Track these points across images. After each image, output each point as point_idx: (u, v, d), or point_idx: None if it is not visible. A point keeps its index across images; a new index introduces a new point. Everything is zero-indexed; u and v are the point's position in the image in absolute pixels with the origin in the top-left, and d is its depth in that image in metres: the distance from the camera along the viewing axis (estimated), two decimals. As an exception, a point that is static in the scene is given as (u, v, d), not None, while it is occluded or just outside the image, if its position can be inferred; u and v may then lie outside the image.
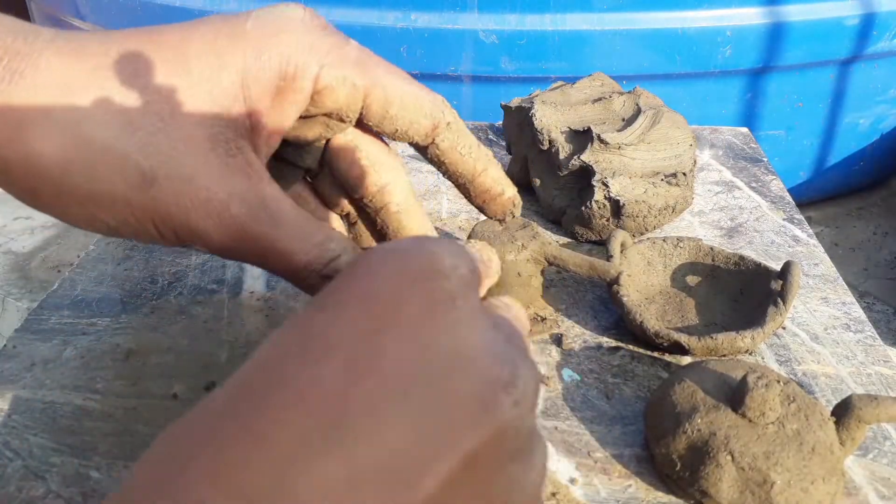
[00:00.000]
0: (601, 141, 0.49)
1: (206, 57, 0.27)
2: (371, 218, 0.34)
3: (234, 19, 0.28)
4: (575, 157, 0.50)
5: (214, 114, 0.27)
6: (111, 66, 0.26)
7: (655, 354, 0.41)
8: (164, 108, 0.26)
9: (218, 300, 0.45)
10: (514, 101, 0.57)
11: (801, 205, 0.62)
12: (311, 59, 0.28)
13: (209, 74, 0.27)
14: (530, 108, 0.53)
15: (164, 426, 0.37)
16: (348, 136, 0.32)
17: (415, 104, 0.30)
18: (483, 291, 0.22)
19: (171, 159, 0.26)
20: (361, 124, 0.31)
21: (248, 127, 0.28)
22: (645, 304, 0.44)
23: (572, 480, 0.34)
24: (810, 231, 0.53)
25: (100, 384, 0.39)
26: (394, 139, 0.32)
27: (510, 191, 0.34)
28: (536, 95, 0.56)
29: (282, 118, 0.28)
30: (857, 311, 0.45)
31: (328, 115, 0.30)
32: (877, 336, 0.43)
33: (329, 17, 1.25)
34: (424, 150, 0.32)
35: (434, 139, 0.31)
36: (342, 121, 0.30)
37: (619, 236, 0.45)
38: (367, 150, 0.32)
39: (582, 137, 0.51)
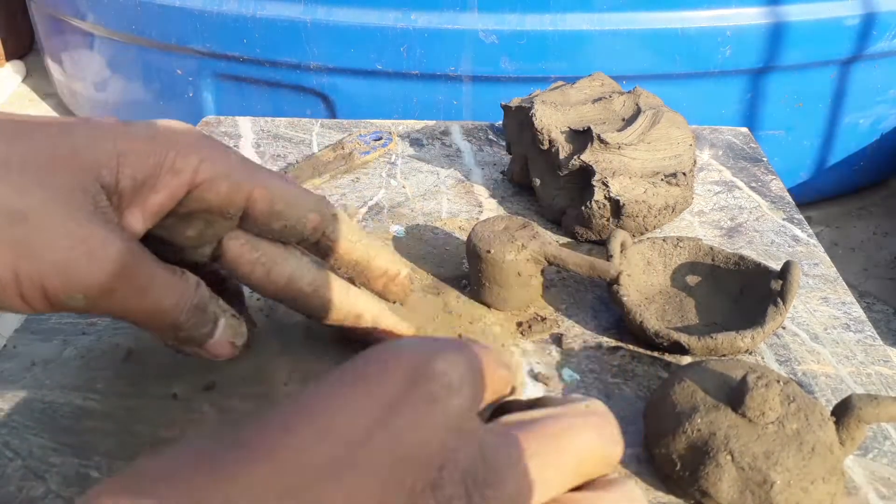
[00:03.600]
0: (601, 141, 0.49)
1: (85, 128, 0.27)
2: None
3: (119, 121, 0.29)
4: (575, 156, 0.50)
5: (90, 173, 0.27)
6: None
7: (655, 354, 0.41)
8: (39, 159, 0.26)
9: (218, 300, 0.45)
10: (514, 101, 0.57)
11: (801, 205, 0.62)
12: (192, 152, 0.29)
13: (86, 142, 0.27)
14: (530, 108, 0.53)
15: (164, 426, 0.37)
16: (241, 241, 0.32)
17: (299, 200, 0.32)
18: (486, 401, 0.21)
19: (45, 201, 0.25)
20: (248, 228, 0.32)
21: (120, 197, 0.28)
22: (645, 304, 0.44)
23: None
24: (810, 231, 0.53)
25: (100, 384, 0.39)
26: (282, 239, 0.32)
27: (405, 270, 0.36)
28: (536, 95, 0.56)
29: (154, 203, 0.28)
30: (857, 311, 0.45)
31: (209, 211, 0.30)
32: (877, 336, 0.43)
33: (329, 18, 1.26)
34: (315, 246, 0.33)
35: (324, 231, 0.33)
36: (224, 217, 0.30)
37: (619, 236, 0.45)
38: (263, 250, 0.33)
39: (582, 137, 0.51)
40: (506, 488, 0.18)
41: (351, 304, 0.34)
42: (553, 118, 0.53)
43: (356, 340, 0.36)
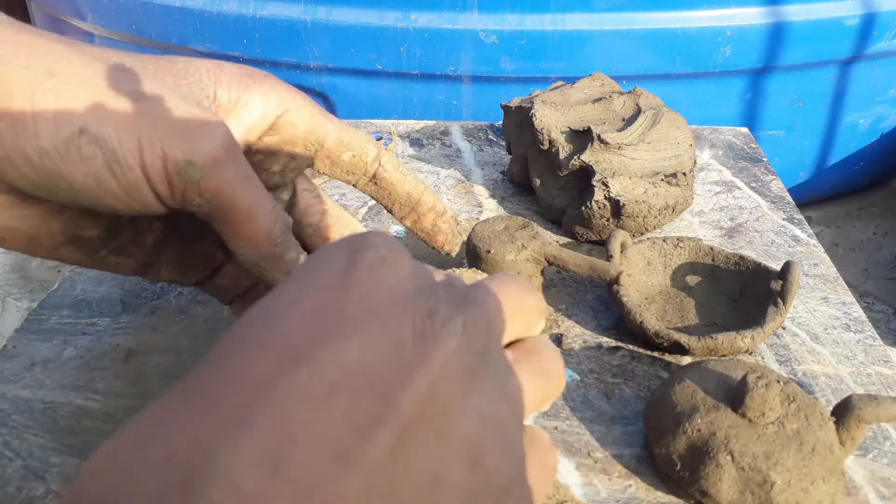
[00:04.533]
0: (601, 141, 0.49)
1: (189, 60, 0.31)
2: None
3: None
4: (575, 156, 0.50)
5: (193, 78, 0.30)
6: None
7: (655, 354, 0.41)
8: (147, 65, 0.29)
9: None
10: (514, 101, 0.57)
11: (801, 205, 0.62)
12: (277, 84, 0.32)
13: (186, 60, 0.30)
14: (530, 108, 0.53)
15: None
16: (313, 193, 0.36)
17: (359, 135, 0.35)
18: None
19: (159, 88, 0.27)
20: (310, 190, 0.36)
21: (218, 109, 0.30)
22: (645, 304, 0.44)
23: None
24: (810, 231, 0.53)
25: (100, 384, 0.39)
26: (347, 172, 0.35)
27: (450, 211, 0.39)
28: (536, 95, 0.56)
29: (247, 119, 0.31)
30: (857, 311, 0.45)
31: (293, 141, 0.33)
32: (877, 336, 0.43)
33: (329, 17, 1.26)
34: (374, 179, 0.36)
35: (380, 162, 0.36)
36: (306, 148, 0.33)
37: (619, 236, 0.45)
38: (330, 207, 0.37)
39: (582, 137, 0.51)
40: (487, 303, 0.20)
41: None
42: (553, 118, 0.53)
43: None
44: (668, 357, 0.41)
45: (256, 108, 0.31)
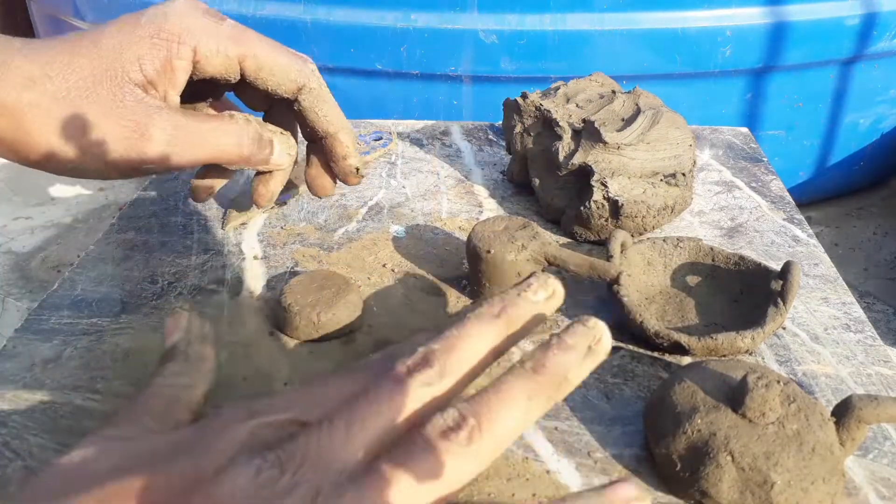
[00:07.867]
0: (601, 141, 0.49)
1: (115, 43, 0.36)
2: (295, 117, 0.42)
3: (133, 16, 0.37)
4: (574, 156, 0.50)
5: (125, 76, 0.36)
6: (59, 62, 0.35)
7: (655, 354, 0.41)
8: (86, 78, 0.35)
9: (218, 300, 0.45)
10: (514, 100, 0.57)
11: (801, 205, 0.62)
12: (187, 40, 0.36)
13: (113, 55, 0.36)
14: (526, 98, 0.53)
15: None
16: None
17: (283, 70, 0.39)
18: None
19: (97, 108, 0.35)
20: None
21: (153, 84, 0.37)
22: (645, 304, 0.44)
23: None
24: (810, 231, 0.53)
25: (100, 384, 0.39)
26: (267, 93, 0.40)
27: (353, 160, 0.42)
28: (537, 95, 0.56)
29: (175, 80, 0.37)
30: (857, 311, 0.45)
31: (214, 78, 0.38)
32: (877, 336, 0.43)
33: (329, 17, 1.25)
34: (292, 106, 0.41)
35: (297, 98, 0.40)
36: (227, 82, 0.39)
37: (619, 236, 0.45)
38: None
39: (581, 137, 0.51)
40: (316, 443, 0.24)
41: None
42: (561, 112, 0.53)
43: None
44: (668, 357, 0.41)
45: (177, 69, 0.37)
